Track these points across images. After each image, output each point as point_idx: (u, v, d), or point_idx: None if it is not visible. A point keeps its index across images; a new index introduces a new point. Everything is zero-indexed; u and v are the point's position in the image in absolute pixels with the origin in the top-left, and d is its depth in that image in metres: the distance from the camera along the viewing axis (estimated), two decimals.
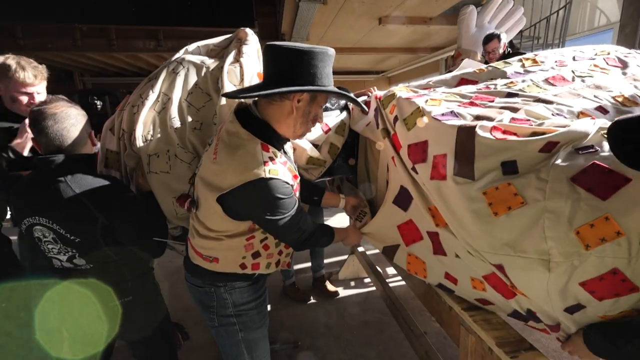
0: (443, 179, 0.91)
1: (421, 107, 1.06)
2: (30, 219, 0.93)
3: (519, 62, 1.41)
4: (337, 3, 3.69)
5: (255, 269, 1.01)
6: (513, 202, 0.79)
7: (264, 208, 0.88)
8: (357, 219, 1.37)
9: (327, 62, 0.87)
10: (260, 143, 0.87)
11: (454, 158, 0.88)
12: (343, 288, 2.47)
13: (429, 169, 0.96)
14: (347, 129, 1.41)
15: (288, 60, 0.84)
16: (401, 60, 6.54)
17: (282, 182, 0.87)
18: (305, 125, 0.93)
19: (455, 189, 0.86)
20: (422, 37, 4.85)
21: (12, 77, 1.31)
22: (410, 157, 1.04)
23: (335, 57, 0.92)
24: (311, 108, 0.91)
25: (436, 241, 1.02)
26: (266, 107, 0.90)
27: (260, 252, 1.00)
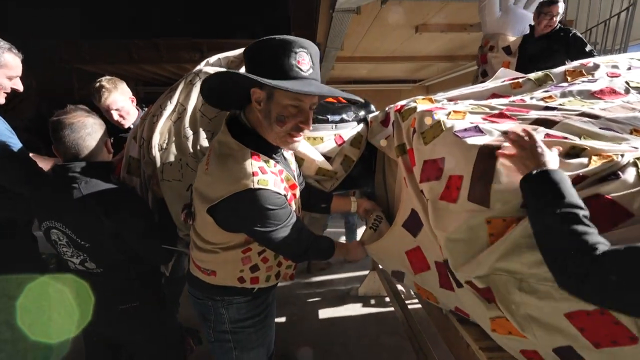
0: (453, 202, 0.82)
1: (442, 121, 0.97)
2: (47, 222, 0.99)
3: (563, 74, 1.26)
4: (372, 12, 3.65)
5: (255, 283, 0.98)
6: None
7: (253, 220, 0.85)
8: (372, 226, 1.30)
9: (285, 50, 0.77)
10: (251, 152, 0.84)
11: (470, 181, 0.80)
12: (362, 305, 2.37)
13: (442, 187, 0.87)
14: (364, 142, 1.35)
15: (246, 54, 0.82)
16: (440, 68, 6.31)
17: (273, 192, 0.83)
18: (271, 127, 0.83)
19: (461, 215, 0.78)
20: (461, 44, 4.63)
21: None
22: (422, 174, 0.95)
23: (371, 65, 0.88)
24: (270, 107, 0.82)
25: (443, 274, 0.93)
26: (249, 113, 0.88)
27: (258, 265, 0.97)
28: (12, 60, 1.09)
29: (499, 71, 1.57)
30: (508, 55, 2.61)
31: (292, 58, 0.78)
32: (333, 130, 1.30)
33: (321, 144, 1.27)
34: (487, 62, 2.78)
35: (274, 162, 0.89)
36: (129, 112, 1.67)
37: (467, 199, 0.79)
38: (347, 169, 1.31)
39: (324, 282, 2.69)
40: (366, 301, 2.44)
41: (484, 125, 0.91)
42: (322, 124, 1.29)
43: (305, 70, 0.81)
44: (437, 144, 0.94)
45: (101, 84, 1.58)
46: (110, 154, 1.10)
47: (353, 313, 2.29)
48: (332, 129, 1.30)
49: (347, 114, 1.37)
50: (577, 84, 1.12)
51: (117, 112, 1.63)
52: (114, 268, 1.03)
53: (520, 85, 1.24)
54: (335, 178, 1.30)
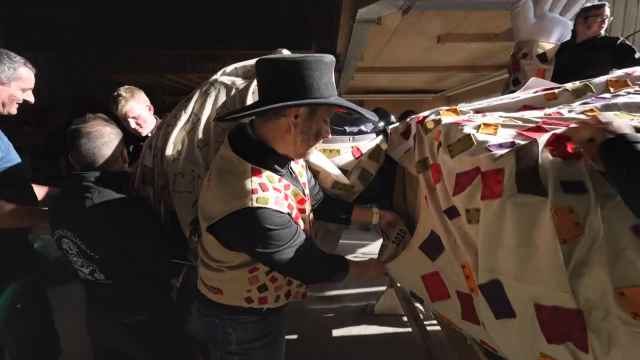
0: (498, 197, 0.72)
1: (472, 134, 0.89)
2: (59, 231, 0.98)
3: (604, 84, 1.15)
4: (393, 23, 3.61)
5: (263, 303, 0.92)
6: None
7: (253, 240, 0.80)
8: (396, 240, 1.22)
9: (323, 71, 0.77)
10: (251, 168, 0.80)
11: (515, 172, 0.72)
12: (378, 324, 2.26)
13: (479, 188, 0.78)
14: (383, 155, 1.29)
15: (277, 74, 0.77)
16: (462, 79, 6.15)
17: (273, 211, 0.78)
18: (306, 142, 0.84)
19: (514, 210, 0.69)
20: (486, 54, 4.49)
21: None
22: (456, 187, 0.87)
23: (391, 76, 0.83)
24: (311, 123, 0.82)
25: (467, 305, 0.84)
26: (262, 126, 0.84)
27: (267, 284, 0.91)
28: (26, 74, 1.17)
29: (529, 81, 1.47)
30: (543, 62, 2.46)
31: (327, 76, 0.79)
32: (350, 143, 1.25)
33: (338, 156, 1.22)
34: (519, 70, 2.64)
35: (279, 176, 0.85)
36: (146, 120, 1.70)
37: (517, 191, 0.70)
38: (365, 183, 1.25)
39: (338, 297, 2.59)
40: (382, 320, 2.32)
41: (520, 140, 0.82)
42: (339, 136, 1.24)
43: (334, 86, 0.83)
44: (465, 157, 0.86)
45: (119, 92, 1.63)
46: (125, 163, 1.10)
47: (368, 332, 2.18)
48: (350, 141, 1.25)
49: (365, 125, 1.32)
50: (622, 96, 1.02)
51: (134, 120, 1.66)
52: (122, 280, 1.01)
53: (555, 96, 1.14)
54: (352, 192, 1.24)
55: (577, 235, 0.62)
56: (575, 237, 0.63)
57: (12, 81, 1.13)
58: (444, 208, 0.92)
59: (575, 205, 0.64)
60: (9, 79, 1.12)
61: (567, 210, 0.64)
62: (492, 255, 0.73)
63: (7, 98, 1.14)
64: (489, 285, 0.73)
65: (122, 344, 1.09)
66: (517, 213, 0.69)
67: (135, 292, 1.04)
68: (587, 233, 0.62)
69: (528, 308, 0.67)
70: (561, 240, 0.63)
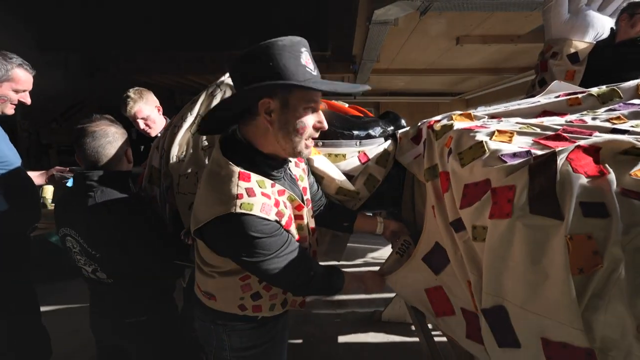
0: (507, 217, 0.66)
1: (484, 142, 0.84)
2: (63, 229, 1.00)
3: (634, 89, 1.06)
4: (410, 24, 3.54)
5: (257, 312, 0.90)
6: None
7: (237, 248, 0.77)
8: (399, 251, 1.18)
9: (281, 55, 0.69)
10: (239, 172, 0.75)
11: (528, 190, 0.66)
12: (385, 332, 2.20)
13: (488, 205, 0.72)
14: (392, 160, 1.25)
15: (234, 71, 0.73)
16: (482, 81, 5.97)
17: (258, 218, 0.73)
18: (289, 138, 0.76)
19: (524, 233, 0.63)
20: (508, 56, 4.33)
21: None
22: (464, 199, 0.81)
23: (408, 78, 0.77)
24: (287, 116, 0.74)
25: (472, 323, 0.79)
26: (244, 128, 0.80)
27: (260, 293, 0.89)
28: (21, 75, 1.17)
29: (552, 84, 1.38)
30: (574, 63, 2.23)
31: (301, 59, 0.72)
32: (357, 147, 1.21)
33: (343, 161, 1.18)
34: (547, 70, 2.41)
35: (272, 181, 0.81)
36: (155, 121, 1.73)
37: (529, 211, 0.64)
38: (371, 189, 1.21)
39: (345, 302, 2.55)
40: (389, 327, 2.27)
41: (537, 150, 0.76)
42: (345, 140, 1.21)
43: (313, 69, 0.75)
44: (476, 166, 0.81)
45: (127, 94, 1.67)
46: (130, 163, 1.11)
47: (374, 340, 2.13)
48: (356, 146, 1.22)
49: (373, 130, 1.28)
50: None
51: (143, 121, 1.69)
52: (123, 280, 1.02)
53: (579, 101, 1.07)
54: (357, 198, 1.20)
55: (595, 265, 0.56)
56: (593, 267, 0.56)
57: (4, 82, 1.13)
58: (451, 220, 0.87)
59: (595, 232, 0.57)
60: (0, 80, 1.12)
61: (585, 236, 0.57)
62: (497, 279, 0.67)
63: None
64: (492, 311, 0.68)
65: (123, 344, 1.09)
66: (527, 236, 0.63)
67: (135, 292, 1.04)
68: (606, 264, 0.56)
69: (535, 341, 0.62)
70: (576, 270, 0.56)
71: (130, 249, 0.98)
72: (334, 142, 1.19)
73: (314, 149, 1.15)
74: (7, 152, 1.24)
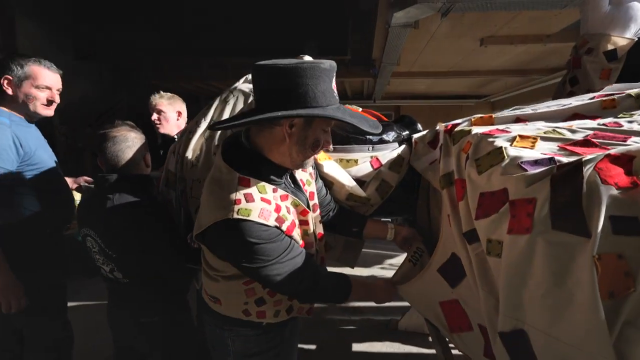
0: (526, 233, 0.61)
1: (503, 148, 0.78)
2: (84, 230, 1.05)
3: None
4: (431, 26, 3.47)
5: (262, 318, 0.90)
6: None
7: (236, 254, 0.77)
8: (412, 259, 1.14)
9: (319, 78, 0.72)
10: (239, 177, 0.76)
11: (549, 204, 0.59)
12: (401, 341, 2.14)
13: (506, 218, 0.67)
14: (406, 166, 1.21)
15: (270, 81, 0.73)
16: (509, 83, 5.74)
17: (257, 224, 0.73)
18: (302, 153, 0.79)
19: (546, 251, 0.57)
20: (536, 57, 4.14)
21: None
22: (479, 209, 0.76)
23: (430, 81, 0.75)
24: (307, 133, 0.77)
25: (489, 340, 0.74)
26: (257, 135, 0.81)
27: (265, 298, 0.88)
28: (37, 70, 1.21)
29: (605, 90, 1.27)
30: (611, 61, 2.01)
31: (332, 84, 0.75)
32: (369, 152, 1.19)
33: (355, 166, 1.17)
34: (580, 67, 2.18)
35: (274, 186, 0.81)
36: (168, 120, 1.85)
37: (550, 227, 0.58)
38: (384, 195, 1.18)
39: (361, 309, 2.51)
40: (406, 337, 2.20)
41: (562, 157, 0.69)
42: (357, 145, 1.19)
43: (336, 95, 0.78)
44: (494, 174, 0.76)
45: (160, 91, 1.84)
46: (148, 167, 1.15)
47: (389, 349, 2.08)
48: (369, 151, 1.19)
49: (387, 134, 1.25)
50: None
51: (157, 114, 1.82)
52: (138, 281, 1.05)
53: (614, 103, 0.99)
54: (368, 205, 1.18)
55: (627, 289, 0.50)
56: (625, 290, 0.50)
57: (23, 80, 1.19)
58: (465, 230, 0.83)
59: (626, 251, 0.51)
60: (20, 79, 1.19)
61: (615, 256, 0.51)
62: (517, 300, 0.62)
63: (25, 98, 1.21)
64: (511, 335, 0.62)
65: (138, 343, 1.13)
66: (549, 254, 0.57)
67: (148, 293, 1.07)
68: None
69: None
70: (606, 294, 0.50)
71: (143, 250, 1.01)
72: (345, 147, 1.17)
73: (324, 155, 1.14)
74: (43, 154, 1.33)
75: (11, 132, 1.20)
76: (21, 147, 1.22)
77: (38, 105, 1.26)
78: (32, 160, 1.26)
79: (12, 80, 1.19)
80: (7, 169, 1.18)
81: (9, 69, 1.18)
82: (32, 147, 1.27)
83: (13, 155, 1.19)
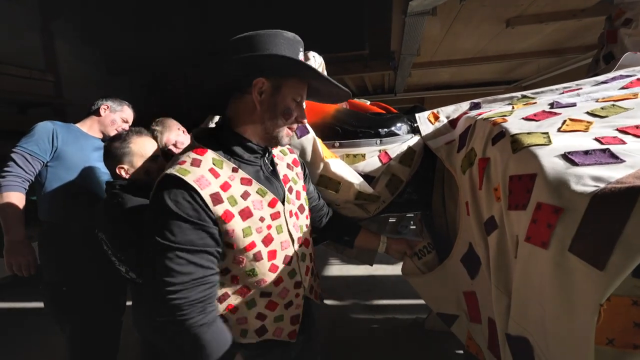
0: (542, 247, 0.54)
1: (549, 133, 0.68)
2: (99, 233, 1.10)
3: None
4: (451, 12, 3.31)
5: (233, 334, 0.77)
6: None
7: (150, 222, 0.68)
8: (419, 254, 1.10)
9: (284, 44, 0.71)
10: (196, 145, 0.74)
11: (578, 226, 0.50)
12: (426, 340, 2.06)
13: (527, 221, 0.59)
14: (418, 159, 1.16)
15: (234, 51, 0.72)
16: (542, 65, 5.36)
17: (185, 186, 0.65)
18: (274, 121, 0.75)
19: (555, 273, 0.50)
20: (571, 35, 3.82)
21: None
22: (511, 197, 0.65)
23: (453, 69, 0.69)
24: (277, 99, 0.74)
25: (494, 335, 0.69)
26: (230, 110, 0.78)
27: (226, 316, 0.77)
28: (127, 109, 1.68)
29: (624, 57, 1.13)
30: None
31: (292, 50, 0.74)
32: (378, 146, 1.15)
33: (362, 161, 1.13)
34: (616, 42, 1.93)
35: (235, 166, 0.75)
36: (183, 142, 1.88)
37: (567, 248, 0.50)
38: (394, 191, 1.14)
39: (384, 307, 2.46)
40: (432, 337, 2.12)
41: (625, 145, 0.57)
42: (364, 139, 1.16)
43: None
44: (529, 153, 0.63)
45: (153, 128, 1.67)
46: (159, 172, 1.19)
47: (416, 349, 2.01)
48: (377, 145, 1.16)
49: (396, 127, 1.21)
50: None
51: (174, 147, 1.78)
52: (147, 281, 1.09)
53: None
54: (379, 202, 1.14)
55: (633, 345, 0.42)
56: (630, 346, 0.43)
57: (118, 112, 1.63)
58: (486, 218, 0.75)
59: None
60: (114, 110, 1.63)
61: (629, 300, 0.45)
62: (524, 310, 0.57)
63: (111, 121, 1.62)
64: (517, 340, 0.59)
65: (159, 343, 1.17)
66: (557, 277, 0.50)
67: None
68: None
69: None
70: (604, 339, 0.44)
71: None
72: (351, 142, 1.15)
73: (330, 152, 1.12)
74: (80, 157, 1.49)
75: (53, 128, 1.44)
76: (56, 140, 1.43)
77: (113, 129, 1.62)
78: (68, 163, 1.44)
79: (109, 107, 1.62)
80: (42, 157, 1.40)
81: (111, 102, 1.64)
82: (71, 147, 1.46)
83: (48, 145, 1.41)
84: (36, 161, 1.39)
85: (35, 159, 1.39)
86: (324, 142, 1.11)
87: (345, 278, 3.07)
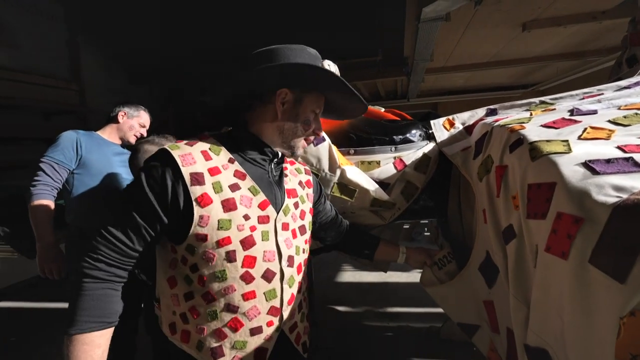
0: (562, 258, 0.53)
1: (570, 142, 0.66)
2: None
3: None
4: (465, 17, 3.29)
5: (184, 342, 0.70)
6: None
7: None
8: (438, 263, 1.09)
9: (307, 57, 0.74)
10: (204, 135, 0.76)
11: (599, 237, 0.49)
12: (443, 352, 2.02)
13: (547, 231, 0.58)
14: (433, 166, 1.16)
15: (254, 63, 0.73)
16: (560, 68, 5.23)
17: (171, 161, 0.65)
18: (294, 129, 0.76)
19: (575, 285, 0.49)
20: (590, 37, 3.73)
21: None
22: (530, 205, 0.64)
23: (467, 74, 0.70)
24: (299, 110, 0.76)
25: (513, 346, 0.68)
26: (249, 117, 0.78)
27: (187, 316, 0.70)
28: (144, 115, 1.74)
29: None
30: None
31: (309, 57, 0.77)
32: (392, 153, 1.16)
33: (377, 168, 1.14)
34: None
35: (238, 160, 0.73)
36: None
37: (587, 259, 0.49)
38: (409, 198, 1.14)
39: (398, 315, 2.42)
40: (448, 346, 2.07)
41: None
42: (379, 146, 1.16)
43: None
44: (549, 162, 0.62)
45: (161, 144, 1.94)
46: None
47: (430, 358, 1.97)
48: (392, 152, 1.16)
49: (411, 133, 1.21)
50: None
51: None
52: None
53: None
54: (394, 209, 1.14)
55: None
56: None
57: (135, 117, 1.69)
58: (504, 226, 0.74)
59: None
60: (132, 116, 1.69)
61: None
62: (543, 322, 0.56)
63: (129, 127, 1.68)
64: (536, 351, 0.57)
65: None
66: (576, 289, 0.49)
67: None
68: None
69: None
70: (628, 355, 0.43)
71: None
72: (366, 149, 1.16)
73: (345, 159, 1.13)
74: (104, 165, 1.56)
75: (77, 137, 1.51)
76: (80, 148, 1.49)
77: (132, 136, 1.70)
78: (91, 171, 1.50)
79: (126, 114, 1.68)
80: (68, 165, 1.47)
81: (128, 108, 1.70)
82: (94, 155, 1.52)
83: (73, 153, 1.48)
84: (63, 169, 1.46)
85: (62, 167, 1.46)
86: (339, 150, 1.13)
87: (359, 285, 3.05)
